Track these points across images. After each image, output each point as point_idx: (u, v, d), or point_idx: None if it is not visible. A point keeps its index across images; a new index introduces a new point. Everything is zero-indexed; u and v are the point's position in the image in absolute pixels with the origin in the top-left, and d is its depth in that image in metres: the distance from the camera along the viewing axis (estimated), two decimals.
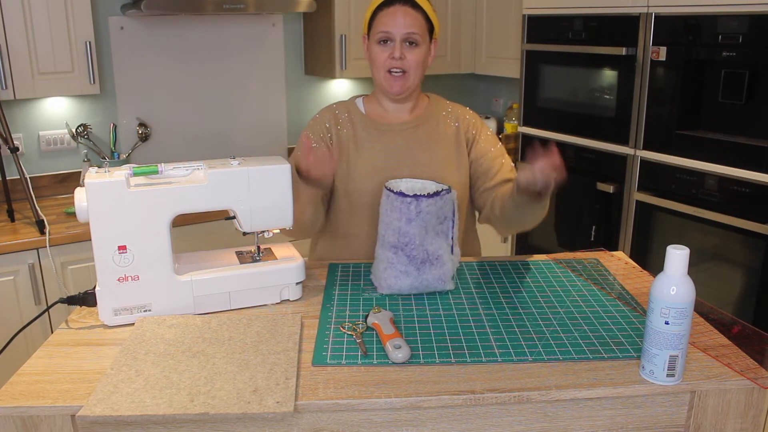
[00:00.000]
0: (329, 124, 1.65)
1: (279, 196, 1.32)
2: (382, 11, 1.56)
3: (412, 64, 1.55)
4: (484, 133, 1.68)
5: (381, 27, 1.55)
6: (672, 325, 1.00)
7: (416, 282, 1.35)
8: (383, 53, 1.56)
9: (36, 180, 2.72)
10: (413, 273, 1.35)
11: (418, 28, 1.54)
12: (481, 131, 1.68)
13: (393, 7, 1.55)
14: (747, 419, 1.07)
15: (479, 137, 1.66)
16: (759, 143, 2.07)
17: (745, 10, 2.04)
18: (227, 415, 0.96)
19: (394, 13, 1.54)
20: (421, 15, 1.56)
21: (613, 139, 2.55)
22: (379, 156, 1.61)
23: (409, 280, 1.35)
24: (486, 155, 1.65)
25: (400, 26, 1.53)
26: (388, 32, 1.54)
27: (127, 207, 1.21)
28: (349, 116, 1.66)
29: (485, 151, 1.66)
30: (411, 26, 1.54)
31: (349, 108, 1.68)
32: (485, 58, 3.35)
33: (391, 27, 1.54)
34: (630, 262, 1.56)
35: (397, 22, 1.53)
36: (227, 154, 3.13)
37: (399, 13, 1.54)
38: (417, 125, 1.64)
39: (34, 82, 2.41)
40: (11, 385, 1.04)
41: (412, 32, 1.54)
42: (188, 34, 2.93)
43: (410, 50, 1.55)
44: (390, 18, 1.54)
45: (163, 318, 1.25)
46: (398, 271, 1.35)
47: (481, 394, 1.01)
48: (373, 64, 1.60)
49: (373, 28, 1.58)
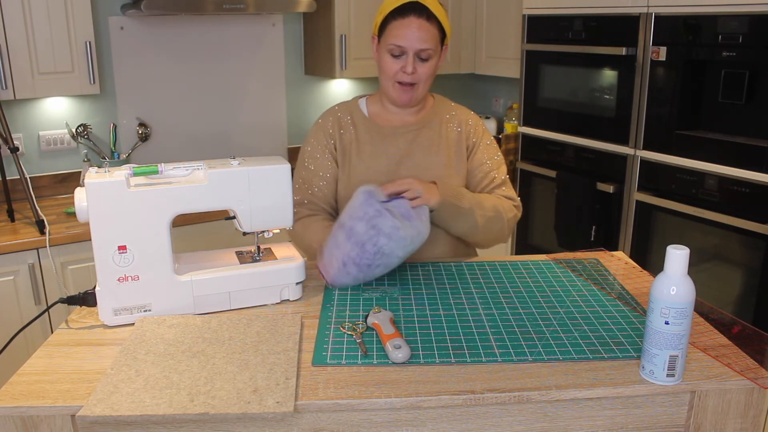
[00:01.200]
0: (332, 130, 1.64)
1: (279, 196, 1.32)
2: (396, 20, 1.51)
3: (422, 77, 1.54)
4: (484, 142, 1.67)
5: (394, 39, 1.51)
6: (672, 325, 1.00)
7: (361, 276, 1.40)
8: (394, 65, 1.53)
9: (36, 180, 2.72)
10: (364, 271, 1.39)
11: (431, 42, 1.51)
12: (481, 139, 1.66)
13: (408, 18, 1.50)
14: (747, 419, 1.07)
15: (478, 146, 1.66)
16: (759, 143, 2.07)
17: (745, 10, 2.04)
18: (227, 415, 0.96)
19: (408, 25, 1.49)
20: (435, 26, 1.52)
21: (613, 139, 2.55)
22: (381, 160, 1.61)
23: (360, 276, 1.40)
24: (481, 167, 1.65)
25: (413, 41, 1.49)
26: (401, 47, 1.50)
27: (127, 207, 1.21)
28: (351, 119, 1.65)
29: (481, 162, 1.65)
30: (425, 41, 1.50)
31: (352, 110, 1.66)
32: (485, 58, 3.35)
33: (404, 41, 1.50)
34: (630, 262, 1.56)
35: (411, 36, 1.49)
36: (227, 154, 3.13)
37: (413, 26, 1.49)
38: (420, 128, 1.63)
39: (34, 82, 2.41)
40: (11, 385, 1.04)
41: (425, 48, 1.50)
42: (188, 34, 2.93)
43: (422, 64, 1.52)
44: (404, 31, 1.49)
45: (163, 318, 1.25)
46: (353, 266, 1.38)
47: (481, 394, 1.01)
48: (382, 71, 1.57)
49: (386, 37, 1.53)
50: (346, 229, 1.37)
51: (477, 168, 1.65)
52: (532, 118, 2.94)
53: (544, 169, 2.87)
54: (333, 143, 1.64)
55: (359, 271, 1.37)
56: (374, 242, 1.34)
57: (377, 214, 1.35)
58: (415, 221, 1.40)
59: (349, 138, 1.63)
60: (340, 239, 1.37)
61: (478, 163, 1.65)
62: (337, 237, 1.38)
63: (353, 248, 1.35)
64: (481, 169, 1.65)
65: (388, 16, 1.53)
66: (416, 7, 1.50)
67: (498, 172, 1.66)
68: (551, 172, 2.81)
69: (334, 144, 1.64)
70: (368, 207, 1.37)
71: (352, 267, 1.37)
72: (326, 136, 1.64)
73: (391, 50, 1.52)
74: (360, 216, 1.36)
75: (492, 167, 1.65)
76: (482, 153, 1.65)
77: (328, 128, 1.65)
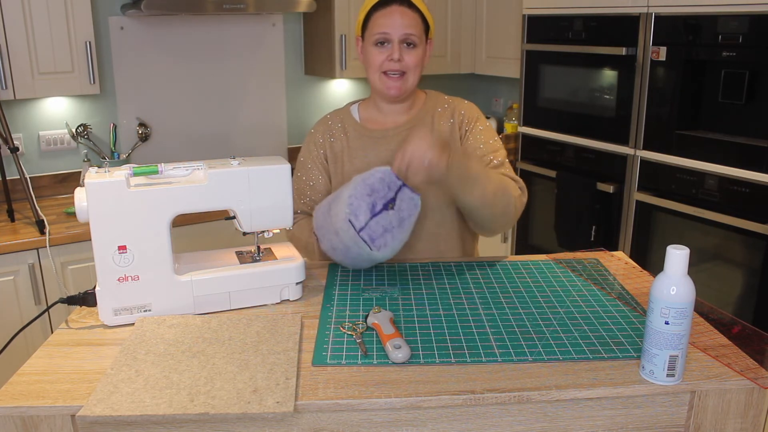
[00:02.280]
0: (322, 139, 1.66)
1: (279, 196, 1.32)
2: (378, 11, 1.53)
3: (410, 65, 1.54)
4: (477, 128, 1.61)
5: (378, 28, 1.53)
6: (672, 325, 1.00)
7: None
8: (380, 55, 1.54)
9: (36, 180, 2.72)
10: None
11: (415, 29, 1.53)
12: (474, 125, 1.61)
13: (390, 8, 1.52)
14: (747, 419, 1.07)
15: (471, 132, 1.61)
16: (759, 143, 2.07)
17: (745, 10, 2.04)
18: (227, 415, 0.96)
19: (391, 13, 1.52)
20: (418, 15, 1.54)
21: (613, 139, 2.55)
22: (372, 164, 1.60)
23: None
24: (474, 153, 1.59)
25: (398, 27, 1.51)
26: (386, 33, 1.52)
27: (127, 207, 1.21)
28: (342, 126, 1.66)
29: (474, 147, 1.59)
30: (409, 27, 1.52)
31: (343, 117, 1.67)
32: (485, 58, 3.35)
33: (388, 28, 1.51)
34: (630, 262, 1.56)
35: (395, 23, 1.51)
36: (227, 154, 3.13)
37: (396, 14, 1.51)
38: (411, 127, 1.61)
39: (34, 82, 2.41)
40: (11, 385, 1.04)
41: (410, 33, 1.52)
42: (188, 34, 2.93)
43: (408, 52, 1.53)
44: (387, 18, 1.52)
45: (163, 318, 1.25)
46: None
47: (481, 394, 1.01)
48: (369, 66, 1.57)
49: (369, 30, 1.55)
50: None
51: (472, 152, 1.59)
52: (532, 118, 2.94)
53: (544, 169, 2.87)
54: (323, 153, 1.66)
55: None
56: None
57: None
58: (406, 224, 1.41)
59: (341, 145, 1.64)
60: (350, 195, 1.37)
61: (471, 149, 1.60)
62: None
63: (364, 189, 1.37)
64: (474, 155, 1.59)
65: (370, 10, 1.55)
66: None
67: (495, 155, 1.59)
68: (551, 172, 2.81)
69: (324, 154, 1.65)
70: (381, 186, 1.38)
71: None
72: (316, 146, 1.67)
73: (376, 40, 1.53)
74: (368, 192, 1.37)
75: (486, 151, 1.59)
76: (474, 138, 1.60)
77: (318, 138, 1.67)
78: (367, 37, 1.57)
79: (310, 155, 1.67)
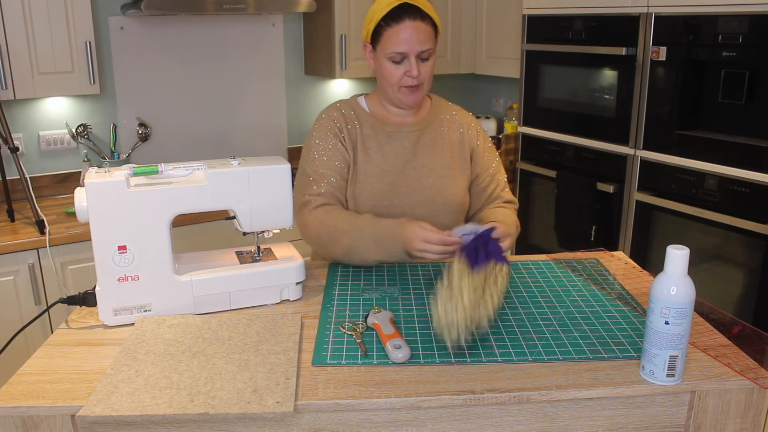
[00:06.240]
0: (339, 123, 1.60)
1: (279, 196, 1.32)
2: (391, 27, 1.49)
3: (426, 76, 1.54)
4: (486, 145, 1.70)
5: (393, 47, 1.49)
6: (672, 325, 1.00)
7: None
8: (398, 71, 1.52)
9: (36, 180, 2.72)
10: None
11: (429, 42, 1.51)
12: (484, 142, 1.69)
13: (403, 23, 1.48)
14: (747, 419, 1.07)
15: (482, 149, 1.68)
16: (759, 143, 2.07)
17: (745, 10, 2.04)
18: (227, 415, 0.96)
19: (405, 29, 1.48)
20: (430, 25, 1.51)
21: (613, 139, 2.55)
22: (388, 158, 1.59)
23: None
24: (486, 172, 1.68)
25: (414, 45, 1.49)
26: (403, 53, 1.50)
27: (127, 207, 1.21)
28: (355, 114, 1.63)
29: (486, 167, 1.68)
30: (424, 42, 1.49)
31: (354, 106, 1.65)
32: (485, 58, 3.35)
33: (405, 47, 1.49)
34: (630, 262, 1.56)
35: (411, 41, 1.48)
36: (227, 154, 3.13)
37: (410, 29, 1.48)
38: (423, 128, 1.63)
39: (34, 82, 2.41)
40: (11, 385, 1.04)
41: (426, 48, 1.50)
42: (188, 34, 2.93)
43: (424, 64, 1.53)
44: (401, 36, 1.48)
45: (163, 318, 1.25)
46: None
47: (481, 394, 1.01)
48: (384, 78, 1.55)
49: (383, 45, 1.52)
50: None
51: (484, 172, 1.68)
52: (532, 118, 2.94)
53: (544, 169, 2.87)
54: (343, 135, 1.60)
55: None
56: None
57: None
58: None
59: (355, 133, 1.61)
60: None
61: (484, 167, 1.68)
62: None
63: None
64: (488, 173, 1.68)
65: (381, 22, 1.51)
66: (408, 9, 1.49)
67: (501, 175, 1.71)
68: (551, 172, 2.81)
69: (344, 137, 1.60)
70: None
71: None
72: (335, 127, 1.60)
73: (391, 57, 1.51)
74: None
75: (496, 170, 1.70)
76: (487, 157, 1.69)
77: (334, 121, 1.61)
78: (380, 50, 1.54)
79: (331, 133, 1.59)
